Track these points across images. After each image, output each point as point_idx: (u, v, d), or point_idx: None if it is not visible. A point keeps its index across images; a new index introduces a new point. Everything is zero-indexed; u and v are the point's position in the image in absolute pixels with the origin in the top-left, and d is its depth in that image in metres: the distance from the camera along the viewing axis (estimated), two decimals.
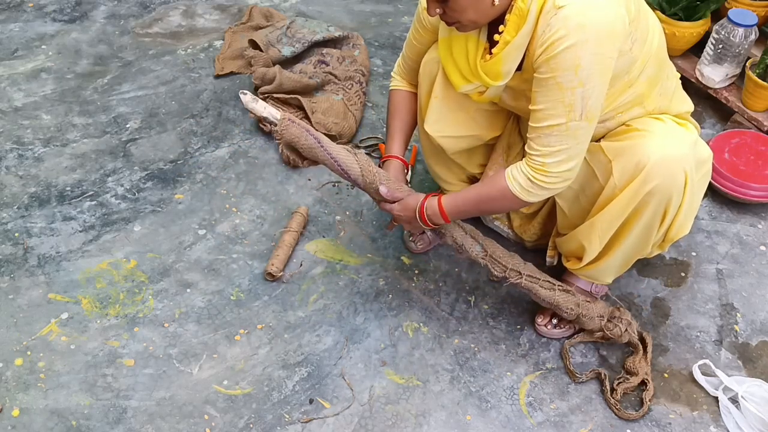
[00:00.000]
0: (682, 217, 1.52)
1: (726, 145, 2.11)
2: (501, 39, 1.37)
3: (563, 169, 1.39)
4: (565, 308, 1.64)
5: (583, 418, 1.62)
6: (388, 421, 1.61)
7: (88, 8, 2.86)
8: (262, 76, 2.32)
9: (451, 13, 1.34)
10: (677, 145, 1.44)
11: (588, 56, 1.27)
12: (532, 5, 1.30)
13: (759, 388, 1.62)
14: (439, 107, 1.64)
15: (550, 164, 1.38)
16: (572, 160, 1.39)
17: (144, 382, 1.67)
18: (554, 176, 1.39)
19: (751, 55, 2.20)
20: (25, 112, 2.38)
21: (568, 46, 1.26)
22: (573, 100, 1.31)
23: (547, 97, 1.34)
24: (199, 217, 2.05)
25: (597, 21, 1.25)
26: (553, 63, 1.29)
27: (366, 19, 2.85)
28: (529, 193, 1.43)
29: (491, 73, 1.44)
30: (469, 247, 1.63)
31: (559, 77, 1.30)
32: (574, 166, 1.40)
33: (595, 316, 1.66)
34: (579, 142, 1.37)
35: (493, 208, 1.59)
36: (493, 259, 1.63)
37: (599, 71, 1.30)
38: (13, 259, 1.92)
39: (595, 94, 1.32)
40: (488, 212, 1.62)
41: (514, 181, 1.43)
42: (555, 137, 1.36)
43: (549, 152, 1.37)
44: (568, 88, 1.30)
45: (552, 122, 1.35)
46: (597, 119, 1.37)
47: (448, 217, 1.56)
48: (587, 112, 1.33)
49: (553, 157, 1.37)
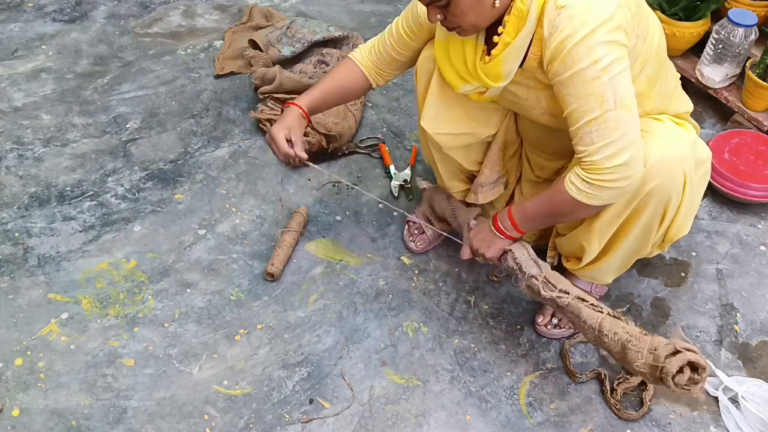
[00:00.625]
0: (681, 217, 1.52)
1: (726, 145, 2.11)
2: (500, 40, 1.37)
3: (615, 163, 1.32)
4: (606, 332, 1.39)
5: (583, 418, 1.62)
6: (388, 421, 1.61)
7: (88, 8, 2.86)
8: (262, 76, 2.32)
9: (452, 18, 1.34)
10: (676, 145, 1.44)
11: (601, 45, 1.26)
12: (532, 6, 1.30)
13: (759, 388, 1.62)
14: (436, 104, 1.64)
15: (600, 161, 1.32)
16: (624, 152, 1.31)
17: (144, 382, 1.67)
18: (609, 172, 1.33)
19: (751, 55, 2.20)
20: (25, 112, 2.38)
21: (579, 41, 1.25)
22: (602, 90, 1.28)
23: (575, 95, 1.31)
24: (199, 217, 2.05)
25: (600, 14, 1.25)
26: (569, 60, 1.28)
27: (366, 19, 2.85)
28: (589, 195, 1.37)
29: (491, 75, 1.43)
30: (527, 268, 1.54)
31: (580, 71, 1.28)
32: (628, 159, 1.31)
33: (644, 350, 1.34)
34: (623, 132, 1.31)
35: (562, 215, 1.50)
36: (546, 280, 1.52)
37: (617, 57, 1.28)
38: (13, 259, 1.92)
39: (623, 81, 1.29)
40: (561, 220, 1.54)
41: (571, 185, 1.38)
42: (596, 132, 1.31)
43: (595, 149, 1.32)
44: (592, 78, 1.27)
45: (588, 118, 1.31)
46: (635, 108, 1.32)
47: (518, 227, 1.53)
48: (621, 100, 1.29)
49: (600, 153, 1.32)
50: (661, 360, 1.29)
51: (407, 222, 2.00)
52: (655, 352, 1.30)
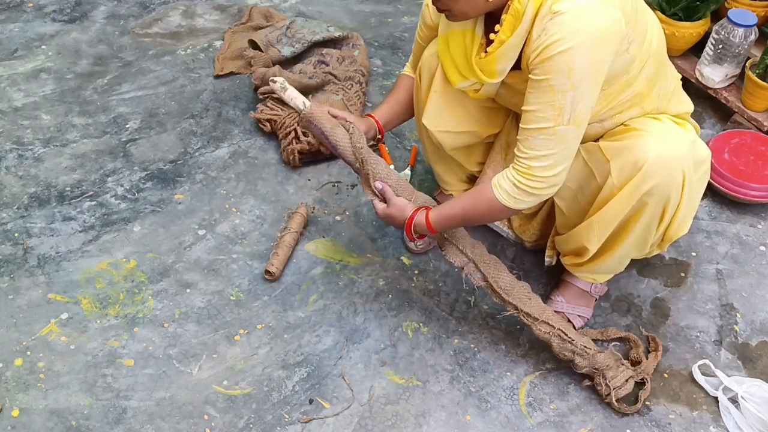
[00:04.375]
0: (680, 217, 1.52)
1: (726, 145, 2.11)
2: (497, 38, 1.39)
3: (549, 174, 1.38)
4: (558, 352, 1.61)
5: (583, 418, 1.62)
6: (387, 421, 1.61)
7: (88, 8, 2.86)
8: (261, 77, 2.32)
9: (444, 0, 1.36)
10: (675, 144, 1.44)
11: (582, 60, 1.28)
12: (528, 6, 1.31)
13: (759, 388, 1.62)
14: (438, 102, 1.65)
15: (536, 168, 1.38)
16: (559, 165, 1.38)
17: (144, 382, 1.67)
18: (540, 181, 1.39)
19: (750, 55, 2.20)
20: (25, 112, 2.38)
21: (564, 50, 1.27)
22: (563, 104, 1.32)
23: (538, 99, 1.34)
24: (199, 217, 2.05)
25: (593, 25, 1.26)
26: (548, 65, 1.30)
27: (366, 20, 2.85)
28: (516, 200, 1.42)
29: (486, 71, 1.45)
30: (470, 273, 1.62)
31: (552, 80, 1.31)
32: (560, 172, 1.40)
33: (589, 366, 1.61)
34: (566, 146, 1.37)
35: (480, 218, 1.56)
36: (493, 289, 1.61)
37: (592, 75, 1.31)
38: (13, 259, 1.92)
39: (585, 99, 1.33)
40: (476, 223, 1.61)
41: (500, 189, 1.43)
42: (542, 140, 1.36)
43: (536, 156, 1.37)
44: (559, 91, 1.31)
45: (540, 125, 1.35)
46: (585, 125, 1.37)
47: (434, 229, 1.56)
48: (575, 117, 1.34)
49: (539, 161, 1.37)
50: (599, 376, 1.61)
51: None
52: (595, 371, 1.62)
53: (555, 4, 1.28)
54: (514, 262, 1.93)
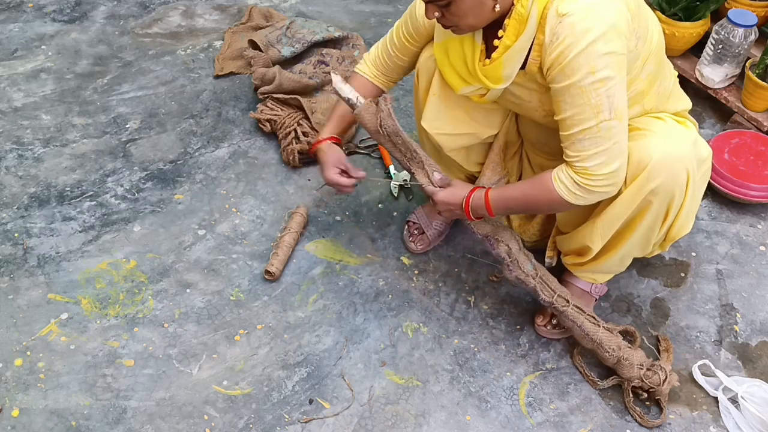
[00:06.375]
0: (683, 216, 1.52)
1: (726, 146, 2.11)
2: (501, 44, 1.38)
3: (607, 171, 1.36)
4: (606, 347, 1.59)
5: (583, 418, 1.62)
6: (387, 421, 1.61)
7: (88, 8, 2.86)
8: (261, 77, 2.32)
9: (450, 17, 1.34)
10: (679, 143, 1.44)
11: (600, 57, 1.27)
12: (532, 10, 1.31)
13: (759, 388, 1.62)
14: (437, 104, 1.64)
15: (592, 167, 1.36)
16: (615, 160, 1.36)
17: (144, 382, 1.67)
18: (600, 179, 1.37)
19: (750, 55, 2.20)
20: (25, 112, 2.38)
21: (579, 51, 1.27)
22: (599, 101, 1.30)
23: (572, 103, 1.33)
24: (199, 217, 2.05)
25: (601, 22, 1.26)
26: (568, 70, 1.29)
27: (366, 20, 2.85)
28: (577, 196, 1.40)
29: (492, 77, 1.44)
30: (521, 263, 1.60)
31: (579, 81, 1.29)
32: (618, 167, 1.37)
33: (635, 364, 1.59)
34: (616, 141, 1.34)
35: (539, 207, 1.54)
36: (543, 281, 1.60)
37: (616, 68, 1.29)
38: (12, 260, 1.92)
39: (619, 91, 1.31)
40: (535, 212, 1.58)
41: (561, 184, 1.40)
42: (588, 141, 1.34)
43: (587, 156, 1.35)
44: (589, 89, 1.30)
45: (583, 126, 1.33)
46: (627, 116, 1.35)
47: (492, 211, 1.53)
48: (615, 110, 1.32)
49: (592, 160, 1.35)
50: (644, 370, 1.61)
51: (407, 222, 2.00)
52: (641, 367, 1.60)
53: (561, 5, 1.28)
54: None
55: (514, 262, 1.61)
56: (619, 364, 1.61)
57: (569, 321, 1.61)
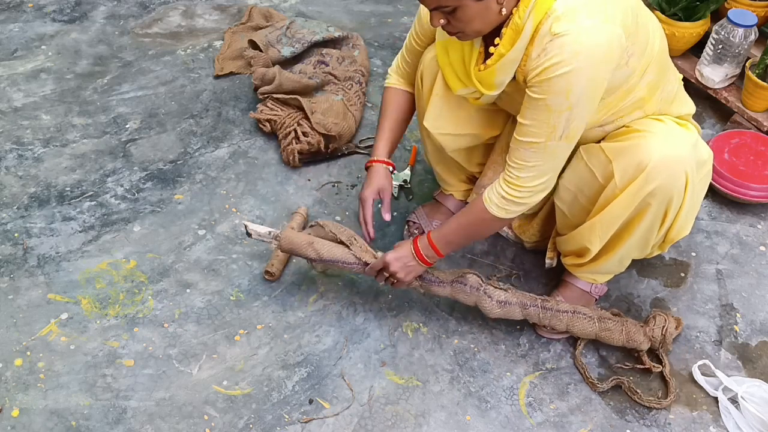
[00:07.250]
0: (682, 218, 1.52)
1: (726, 146, 2.11)
2: (496, 51, 1.38)
3: (535, 183, 1.43)
4: (609, 320, 1.66)
5: (583, 418, 1.62)
6: (387, 421, 1.61)
7: (88, 8, 2.86)
8: (261, 77, 2.32)
9: (456, 23, 1.34)
10: (678, 145, 1.44)
11: (581, 82, 1.29)
12: (528, 21, 1.31)
13: (759, 388, 1.62)
14: (440, 104, 1.65)
15: (523, 179, 1.42)
16: (545, 175, 1.43)
17: (144, 382, 1.67)
18: (526, 191, 1.44)
19: (750, 55, 2.20)
20: (25, 112, 2.38)
21: (563, 73, 1.28)
22: (557, 123, 1.34)
23: (534, 115, 1.36)
24: (199, 217, 2.05)
25: (592, 47, 1.27)
26: (546, 86, 1.31)
27: (366, 20, 2.85)
28: (505, 210, 1.47)
29: (485, 83, 1.46)
30: (496, 287, 1.68)
31: (549, 100, 1.32)
32: (546, 180, 1.44)
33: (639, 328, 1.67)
34: (555, 159, 1.42)
35: (478, 233, 1.61)
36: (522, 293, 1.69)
37: (589, 96, 1.33)
38: (12, 260, 1.92)
39: (580, 117, 1.35)
40: (475, 238, 1.65)
41: (489, 202, 1.48)
42: (532, 153, 1.39)
43: (524, 166, 1.41)
44: (555, 110, 1.33)
45: (532, 139, 1.38)
46: (576, 139, 1.41)
47: (439, 250, 1.58)
48: (568, 134, 1.37)
49: (526, 172, 1.41)
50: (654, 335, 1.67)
51: (407, 222, 2.00)
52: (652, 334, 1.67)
53: (555, 24, 1.28)
54: (514, 263, 1.93)
55: (489, 287, 1.67)
56: (625, 330, 1.66)
57: (563, 315, 1.65)
